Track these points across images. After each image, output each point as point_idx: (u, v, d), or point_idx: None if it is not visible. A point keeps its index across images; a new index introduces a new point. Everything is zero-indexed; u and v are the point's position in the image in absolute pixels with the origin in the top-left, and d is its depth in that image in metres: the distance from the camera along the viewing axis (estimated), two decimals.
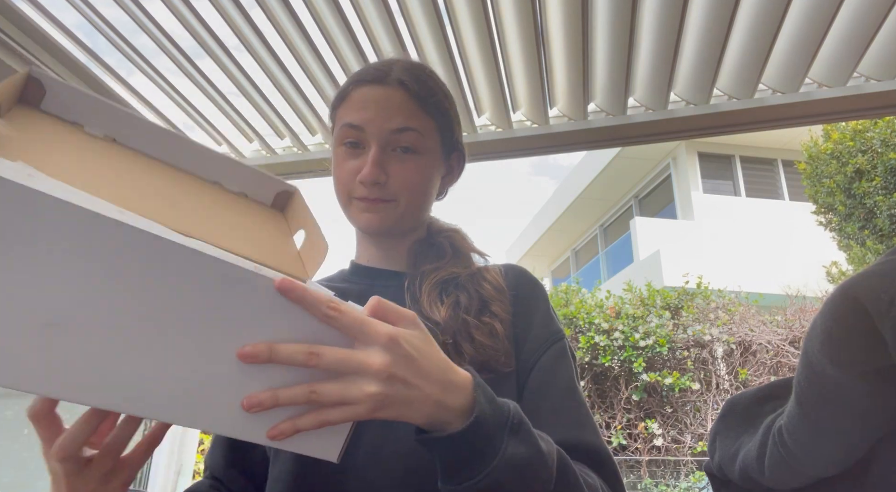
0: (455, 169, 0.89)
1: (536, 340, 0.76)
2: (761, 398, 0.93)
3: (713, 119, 1.85)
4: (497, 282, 0.79)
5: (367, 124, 0.76)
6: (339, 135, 0.79)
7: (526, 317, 0.78)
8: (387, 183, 0.76)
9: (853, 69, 1.70)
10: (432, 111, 0.80)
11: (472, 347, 0.70)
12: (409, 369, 0.46)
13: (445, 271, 0.79)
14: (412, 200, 0.79)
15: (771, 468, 0.81)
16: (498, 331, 0.73)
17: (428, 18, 1.59)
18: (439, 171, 0.84)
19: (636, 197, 11.53)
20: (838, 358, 0.72)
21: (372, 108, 0.77)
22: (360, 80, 0.79)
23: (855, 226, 6.28)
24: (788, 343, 6.16)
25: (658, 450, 5.99)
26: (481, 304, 0.75)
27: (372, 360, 0.45)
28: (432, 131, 0.80)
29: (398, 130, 0.76)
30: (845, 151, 6.35)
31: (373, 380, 0.44)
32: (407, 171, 0.77)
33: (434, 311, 0.73)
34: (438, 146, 0.82)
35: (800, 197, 9.66)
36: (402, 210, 0.79)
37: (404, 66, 0.80)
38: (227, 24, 1.60)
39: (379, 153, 0.76)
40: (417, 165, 0.78)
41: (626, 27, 1.57)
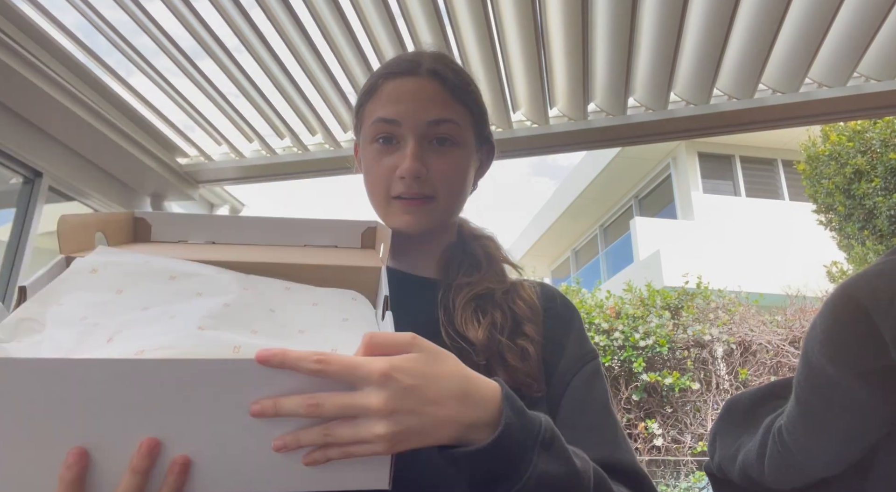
0: (485, 163, 0.86)
1: (570, 360, 0.73)
2: (761, 398, 0.93)
3: (713, 119, 1.85)
4: (532, 301, 0.77)
5: (403, 117, 0.73)
6: (372, 131, 0.75)
7: (559, 338, 0.75)
8: (427, 177, 0.74)
9: (853, 69, 1.70)
10: (467, 101, 0.77)
11: (504, 372, 0.68)
12: (412, 398, 0.44)
13: (481, 286, 0.76)
14: (451, 195, 0.76)
15: (771, 468, 0.81)
16: (530, 354, 0.70)
17: (428, 19, 1.59)
18: (474, 163, 0.82)
19: (636, 197, 11.52)
20: (838, 358, 0.72)
21: (406, 100, 0.74)
22: (389, 73, 0.76)
23: (855, 226, 6.27)
24: (788, 343, 6.16)
25: (658, 450, 5.98)
26: (515, 324, 0.73)
27: (370, 401, 0.43)
28: (467, 122, 0.78)
29: (435, 122, 0.73)
30: (844, 152, 6.34)
31: (378, 420, 0.43)
32: (446, 164, 0.75)
33: (469, 330, 0.70)
34: (473, 138, 0.79)
35: (800, 197, 9.65)
36: (441, 208, 0.76)
37: (434, 57, 0.78)
38: (227, 25, 1.60)
39: (417, 146, 0.73)
40: (456, 158, 0.76)
41: (626, 27, 1.57)
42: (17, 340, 0.44)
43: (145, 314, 0.48)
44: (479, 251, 0.81)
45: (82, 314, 0.46)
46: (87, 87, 1.68)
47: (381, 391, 0.43)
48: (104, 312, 0.47)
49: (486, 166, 0.87)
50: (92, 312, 0.47)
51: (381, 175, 0.75)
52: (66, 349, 0.43)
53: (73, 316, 0.46)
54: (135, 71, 1.78)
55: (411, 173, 0.72)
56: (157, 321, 0.47)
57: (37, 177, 1.76)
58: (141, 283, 0.51)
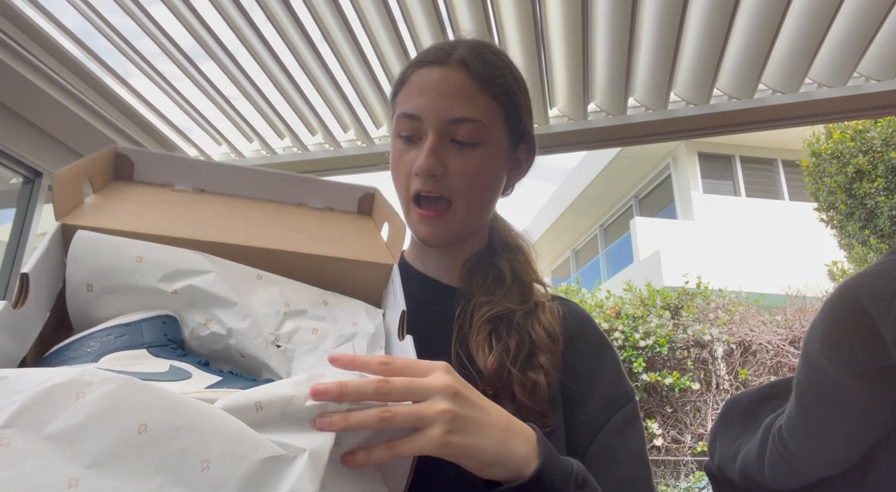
0: (524, 162, 0.79)
1: (605, 401, 0.69)
2: (761, 398, 0.92)
3: (713, 119, 1.85)
4: (552, 328, 0.71)
5: (423, 112, 0.68)
6: (396, 126, 0.72)
7: (587, 370, 0.70)
8: (444, 177, 0.69)
9: (853, 69, 1.70)
10: (498, 95, 0.71)
11: (511, 405, 0.63)
12: (472, 392, 0.47)
13: (500, 306, 0.71)
14: (471, 198, 0.71)
15: (771, 468, 0.81)
16: (540, 388, 0.65)
17: (428, 19, 1.59)
18: (504, 165, 0.75)
19: (636, 197, 11.52)
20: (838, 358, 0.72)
21: (430, 93, 0.68)
22: (420, 61, 0.72)
23: (856, 226, 6.27)
24: (788, 343, 6.16)
25: (658, 450, 5.98)
26: (530, 351, 0.68)
27: (437, 381, 0.45)
28: (497, 120, 0.71)
29: (456, 120, 0.68)
30: (846, 151, 6.34)
31: (442, 398, 0.44)
32: (466, 165, 0.69)
33: (480, 355, 0.66)
34: (504, 137, 0.73)
35: (800, 197, 9.65)
36: (461, 214, 0.71)
37: (469, 45, 0.72)
38: (227, 26, 1.60)
39: (436, 143, 0.68)
40: (478, 158, 0.69)
41: (626, 27, 1.57)
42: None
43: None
44: (504, 266, 0.75)
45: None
46: (87, 87, 1.68)
47: (447, 375, 0.46)
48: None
49: (526, 167, 0.80)
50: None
51: (401, 172, 0.71)
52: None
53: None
54: (135, 71, 1.78)
55: (424, 171, 0.67)
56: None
57: (37, 177, 1.76)
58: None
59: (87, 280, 0.52)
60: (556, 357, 0.69)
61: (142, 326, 0.51)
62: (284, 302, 0.57)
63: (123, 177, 0.65)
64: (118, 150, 0.64)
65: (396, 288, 0.60)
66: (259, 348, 0.53)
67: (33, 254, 0.49)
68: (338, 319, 0.58)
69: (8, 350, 0.46)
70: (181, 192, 0.66)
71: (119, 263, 0.53)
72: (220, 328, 0.54)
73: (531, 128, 0.78)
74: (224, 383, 0.48)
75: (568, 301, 0.78)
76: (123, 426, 0.36)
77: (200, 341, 0.54)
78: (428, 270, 0.79)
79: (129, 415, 0.36)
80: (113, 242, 0.53)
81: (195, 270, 0.54)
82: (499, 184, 0.75)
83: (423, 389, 0.44)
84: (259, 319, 0.55)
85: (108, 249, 0.53)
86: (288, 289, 0.58)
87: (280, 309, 0.56)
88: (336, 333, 0.57)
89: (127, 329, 0.50)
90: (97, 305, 0.53)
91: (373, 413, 0.43)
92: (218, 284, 0.54)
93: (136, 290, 0.53)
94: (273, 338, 0.54)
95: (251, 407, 0.41)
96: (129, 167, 0.65)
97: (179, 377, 0.47)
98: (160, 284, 0.53)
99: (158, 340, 0.51)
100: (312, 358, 0.55)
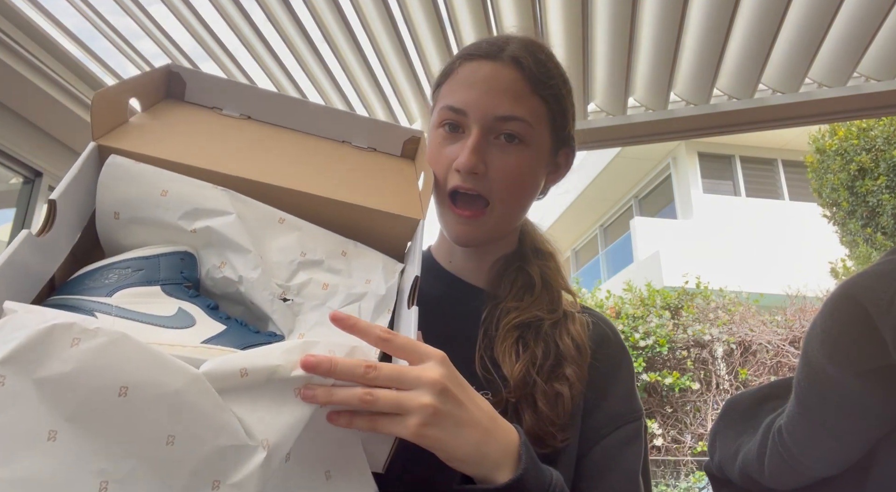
0: (562, 167, 0.78)
1: (609, 415, 0.68)
2: (761, 398, 0.92)
3: (713, 119, 1.85)
4: (580, 339, 0.69)
5: (470, 107, 0.66)
6: (439, 116, 0.70)
7: (603, 383, 0.69)
8: (485, 176, 0.66)
9: (853, 69, 1.70)
10: (547, 97, 0.69)
11: (532, 416, 0.62)
12: (461, 389, 0.47)
13: (529, 313, 0.69)
14: (509, 199, 0.69)
15: (771, 468, 0.81)
16: (564, 401, 0.64)
17: (428, 19, 1.59)
18: (545, 167, 0.73)
19: (636, 197, 11.52)
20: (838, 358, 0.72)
21: (479, 87, 0.67)
22: (469, 54, 0.70)
23: (858, 223, 6.27)
24: (788, 343, 6.15)
25: (658, 450, 5.98)
26: (556, 362, 0.66)
27: (427, 373, 0.45)
28: (543, 121, 0.70)
29: (504, 118, 0.66)
30: (850, 149, 6.33)
31: (428, 391, 0.44)
32: (508, 164, 0.67)
33: (506, 361, 0.65)
34: (548, 139, 0.71)
35: (800, 197, 9.65)
36: (497, 215, 0.69)
37: (522, 43, 0.70)
38: (227, 26, 1.60)
39: (480, 139, 0.66)
40: (521, 159, 0.68)
41: (626, 27, 1.57)
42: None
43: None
44: (535, 271, 0.74)
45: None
46: (87, 87, 1.68)
47: (440, 367, 0.45)
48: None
49: (563, 172, 0.78)
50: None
51: (440, 164, 0.68)
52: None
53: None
54: (135, 71, 1.78)
55: (467, 168, 0.65)
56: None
57: (37, 177, 1.76)
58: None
59: (115, 208, 0.53)
60: (582, 370, 0.67)
61: (160, 260, 0.52)
62: (301, 250, 0.56)
63: (175, 96, 0.66)
64: (172, 68, 0.65)
65: (416, 247, 0.59)
66: (265, 301, 0.53)
67: (65, 176, 0.50)
68: (352, 273, 0.58)
69: (35, 270, 0.47)
70: (227, 117, 0.66)
71: (145, 196, 0.53)
72: (233, 274, 0.54)
73: (573, 132, 0.77)
74: (224, 335, 0.48)
75: (595, 313, 0.77)
76: (106, 384, 0.38)
77: (214, 283, 0.55)
78: (454, 269, 0.77)
79: (113, 374, 0.38)
80: (142, 173, 0.53)
81: (216, 210, 0.54)
82: (537, 187, 0.73)
83: (410, 380, 0.44)
84: (272, 267, 0.55)
85: (137, 180, 0.53)
86: (308, 235, 0.57)
87: (295, 258, 0.56)
88: (346, 291, 0.56)
89: (145, 263, 0.51)
90: (124, 233, 0.54)
91: (356, 393, 0.43)
92: (235, 228, 0.54)
93: (159, 224, 0.54)
94: (281, 291, 0.54)
95: (236, 373, 0.42)
96: (180, 87, 0.66)
97: (183, 324, 0.48)
98: (180, 222, 0.53)
99: (174, 277, 0.51)
100: (317, 314, 0.55)
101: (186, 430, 0.40)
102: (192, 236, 0.54)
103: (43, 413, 0.37)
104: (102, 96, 0.54)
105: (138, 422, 0.39)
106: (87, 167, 0.52)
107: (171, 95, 0.66)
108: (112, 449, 0.38)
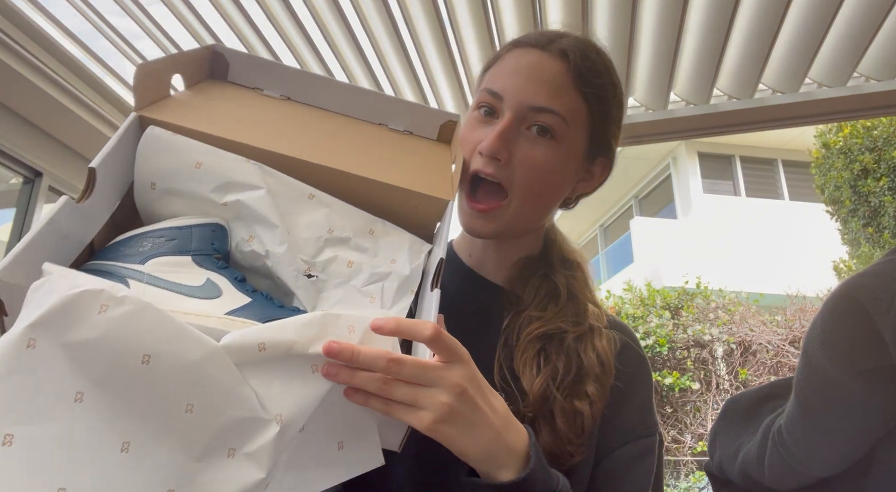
0: (596, 177, 0.73)
1: (623, 428, 0.66)
2: (761, 398, 0.92)
3: (713, 119, 1.85)
4: (605, 355, 0.66)
5: (507, 92, 0.64)
6: (477, 99, 0.68)
7: (621, 397, 0.67)
8: (508, 164, 0.64)
9: (853, 69, 1.70)
10: (589, 95, 0.66)
11: (549, 434, 0.61)
12: (479, 391, 0.47)
13: (552, 325, 0.66)
14: (529, 194, 0.65)
15: (771, 468, 0.81)
16: (583, 420, 0.61)
17: (428, 19, 1.59)
18: (575, 171, 0.69)
19: (636, 197, 11.52)
20: (838, 358, 0.72)
21: (521, 74, 0.65)
22: (519, 42, 0.68)
23: (859, 223, 6.26)
24: (788, 343, 6.15)
25: None
26: (577, 377, 0.64)
27: (449, 374, 0.45)
28: (580, 120, 0.66)
29: (538, 109, 0.63)
30: (854, 147, 6.33)
31: (446, 391, 0.45)
32: (534, 156, 0.64)
33: (526, 374, 0.63)
34: (583, 141, 0.68)
35: (800, 197, 9.65)
36: (513, 211, 0.65)
37: (576, 39, 0.68)
38: (227, 26, 1.60)
39: (509, 126, 0.63)
40: (549, 154, 0.64)
41: (626, 27, 1.57)
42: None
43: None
44: (561, 281, 0.71)
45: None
46: (87, 87, 1.68)
47: (464, 368, 0.46)
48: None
49: (597, 182, 0.74)
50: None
51: (468, 146, 0.66)
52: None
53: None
54: None
55: (489, 152, 0.63)
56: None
57: (37, 177, 1.76)
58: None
59: (152, 179, 0.54)
60: (604, 388, 0.64)
61: (192, 231, 0.53)
62: (328, 227, 0.57)
63: (218, 76, 0.67)
64: (216, 48, 0.66)
65: (444, 229, 0.59)
66: (290, 277, 0.54)
67: (105, 145, 0.51)
68: (378, 252, 0.58)
69: (75, 235, 0.49)
70: (268, 98, 0.67)
71: (180, 167, 0.54)
72: (260, 248, 0.55)
73: (615, 143, 0.72)
74: (248, 308, 0.49)
75: (621, 325, 0.75)
76: (130, 352, 0.39)
77: (243, 256, 0.56)
78: (473, 263, 0.75)
79: (137, 342, 0.40)
80: (178, 144, 0.54)
81: (247, 183, 0.55)
82: (562, 188, 0.69)
83: (431, 378, 0.45)
84: (298, 243, 0.55)
85: (173, 151, 0.54)
86: (336, 212, 0.58)
87: (322, 235, 0.56)
88: (370, 270, 0.57)
89: (178, 233, 0.53)
90: (159, 203, 0.55)
91: (376, 378, 0.44)
92: (265, 202, 0.54)
93: (192, 196, 0.55)
94: (306, 267, 0.55)
95: (255, 348, 0.43)
96: (223, 67, 0.67)
97: (210, 295, 0.49)
98: (212, 195, 0.54)
99: (205, 248, 0.53)
100: (341, 292, 0.55)
101: (205, 399, 0.41)
102: (224, 209, 0.55)
103: (70, 375, 0.39)
104: (145, 69, 0.54)
105: (159, 389, 0.40)
106: (127, 137, 0.53)
107: (214, 76, 0.67)
108: (134, 412, 0.40)
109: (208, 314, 0.46)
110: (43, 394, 0.38)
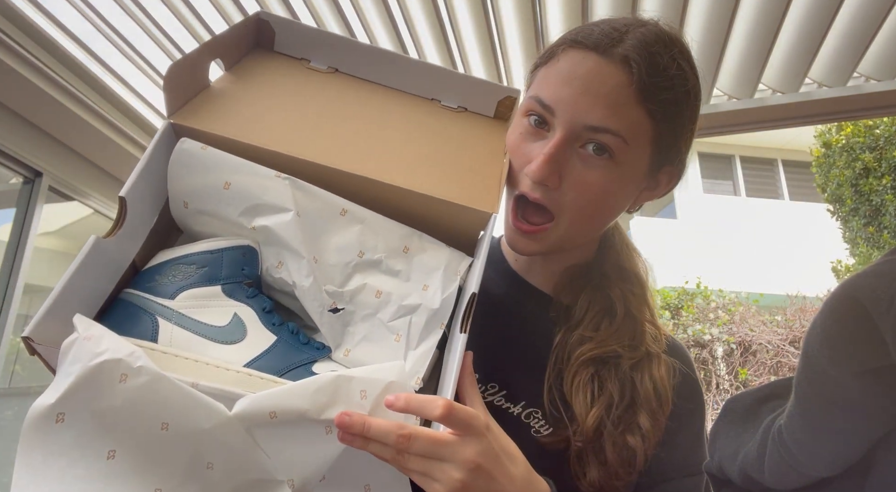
0: (663, 186, 0.65)
1: (673, 462, 0.63)
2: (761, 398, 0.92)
3: (714, 119, 1.85)
4: (663, 386, 0.62)
5: (559, 107, 0.57)
6: (527, 105, 0.60)
7: (673, 430, 0.63)
8: (558, 187, 0.57)
9: (853, 69, 1.70)
10: (655, 112, 0.57)
11: (597, 467, 0.57)
12: (496, 463, 0.45)
13: (606, 347, 0.61)
14: (578, 220, 0.59)
15: (771, 468, 0.81)
16: (636, 457, 0.58)
17: (428, 19, 1.59)
18: (636, 187, 0.62)
19: None
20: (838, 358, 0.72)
21: (576, 85, 0.56)
22: (576, 41, 0.59)
23: (860, 222, 6.26)
24: (788, 343, 6.15)
25: None
26: (630, 407, 0.60)
27: (462, 450, 0.44)
28: (643, 138, 0.58)
29: (595, 129, 0.56)
30: (856, 146, 6.33)
31: (459, 467, 0.44)
32: (589, 180, 0.57)
33: (578, 401, 0.59)
34: (646, 158, 0.60)
35: (800, 197, 9.65)
36: (560, 232, 0.60)
37: (643, 38, 0.58)
38: (227, 26, 1.59)
39: (560, 148, 0.56)
40: (605, 177, 0.57)
41: None
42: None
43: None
44: (617, 296, 0.65)
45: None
46: (87, 87, 1.68)
47: (479, 443, 0.44)
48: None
49: (663, 190, 0.66)
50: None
51: (517, 159, 0.60)
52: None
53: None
54: (135, 71, 1.78)
55: (537, 178, 0.56)
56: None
57: (37, 177, 1.76)
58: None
59: (184, 198, 0.54)
60: (658, 422, 0.60)
61: (223, 255, 0.53)
62: (359, 249, 0.54)
63: (264, 46, 0.65)
64: (262, 15, 0.64)
65: (483, 248, 0.54)
66: (315, 312, 0.53)
67: (137, 164, 0.50)
68: (411, 275, 0.55)
69: (115, 257, 0.50)
70: (313, 72, 0.65)
71: (209, 188, 0.53)
72: (288, 277, 0.54)
73: (686, 149, 0.64)
74: (269, 354, 0.50)
75: (680, 350, 0.69)
76: (150, 419, 0.43)
77: (273, 280, 0.55)
78: (520, 268, 0.70)
79: (155, 410, 0.43)
80: (207, 162, 0.53)
81: (276, 206, 0.53)
82: (618, 208, 0.63)
83: (444, 455, 0.44)
84: (326, 270, 0.54)
85: (202, 170, 0.53)
86: (370, 228, 0.55)
87: (352, 259, 0.54)
88: (399, 301, 0.54)
89: (210, 258, 0.53)
90: (194, 220, 0.55)
91: (390, 450, 0.44)
92: (292, 230, 0.52)
93: (222, 218, 0.54)
94: (332, 302, 0.54)
95: (266, 415, 0.44)
96: (270, 36, 0.65)
97: (233, 338, 0.50)
98: (241, 218, 0.53)
99: (235, 275, 0.53)
100: (367, 326, 0.54)
101: (224, 459, 0.45)
102: (252, 233, 0.54)
103: (101, 436, 0.42)
104: (175, 71, 0.52)
105: (181, 450, 0.44)
106: (160, 148, 0.52)
107: (260, 45, 0.65)
108: (162, 466, 0.43)
109: (228, 366, 0.47)
110: (81, 447, 0.41)
